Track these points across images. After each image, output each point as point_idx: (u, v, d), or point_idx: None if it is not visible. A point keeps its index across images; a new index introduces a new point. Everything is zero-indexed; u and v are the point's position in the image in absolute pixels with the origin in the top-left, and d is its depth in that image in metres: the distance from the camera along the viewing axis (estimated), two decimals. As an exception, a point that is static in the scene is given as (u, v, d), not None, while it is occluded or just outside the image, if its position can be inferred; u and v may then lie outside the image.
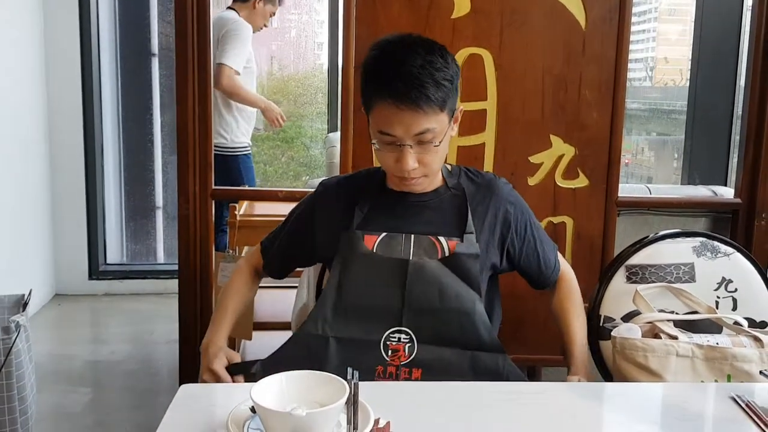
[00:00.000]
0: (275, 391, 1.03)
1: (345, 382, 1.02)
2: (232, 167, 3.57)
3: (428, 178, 1.45)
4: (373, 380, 1.36)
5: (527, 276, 1.60)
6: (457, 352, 1.41)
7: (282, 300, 3.15)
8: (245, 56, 3.43)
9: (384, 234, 1.46)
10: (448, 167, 1.56)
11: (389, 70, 1.37)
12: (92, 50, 4.01)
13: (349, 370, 1.14)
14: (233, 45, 3.35)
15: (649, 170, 5.13)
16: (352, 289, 1.43)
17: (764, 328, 1.69)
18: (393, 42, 1.42)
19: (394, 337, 1.40)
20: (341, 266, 1.45)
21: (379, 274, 1.42)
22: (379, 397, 1.14)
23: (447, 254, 1.43)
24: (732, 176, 2.69)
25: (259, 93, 5.57)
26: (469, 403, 1.17)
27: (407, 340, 1.40)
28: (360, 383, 1.11)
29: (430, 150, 1.39)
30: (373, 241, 1.45)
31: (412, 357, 1.39)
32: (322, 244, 1.54)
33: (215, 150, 3.50)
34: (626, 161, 4.99)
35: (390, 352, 1.39)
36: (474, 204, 1.50)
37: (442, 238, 1.45)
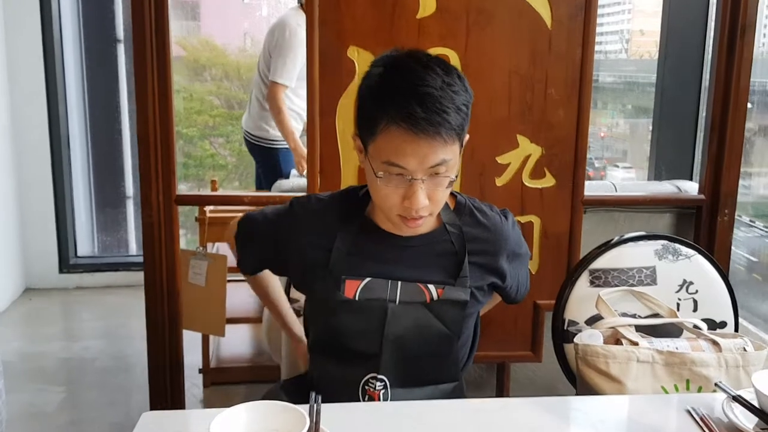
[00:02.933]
0: (236, 422, 1.03)
1: (305, 414, 1.03)
2: (271, 159, 3.62)
3: (432, 216, 1.31)
4: None
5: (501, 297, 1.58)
6: (427, 390, 1.39)
7: (253, 295, 3.15)
8: (299, 64, 3.31)
9: (368, 279, 1.34)
10: (450, 203, 1.41)
11: (404, 91, 1.19)
12: (54, 36, 3.93)
13: (312, 394, 1.15)
14: (283, 58, 3.31)
15: (624, 143, 5.16)
16: (331, 332, 1.37)
17: (724, 328, 1.73)
18: (403, 58, 1.25)
19: (371, 384, 1.35)
20: (319, 308, 1.39)
21: (359, 320, 1.33)
22: (342, 419, 1.15)
23: (435, 299, 1.34)
24: (697, 171, 2.71)
25: (233, 70, 5.50)
26: (432, 423, 1.19)
27: (381, 387, 1.34)
28: (322, 405, 1.12)
29: (442, 185, 1.24)
30: (356, 287, 1.34)
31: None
32: (295, 272, 1.46)
33: (256, 141, 3.60)
34: (602, 134, 5.03)
35: (367, 397, 1.35)
36: (472, 250, 1.38)
37: (431, 286, 1.35)
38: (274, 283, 1.65)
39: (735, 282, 1.76)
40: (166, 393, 2.12)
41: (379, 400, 1.35)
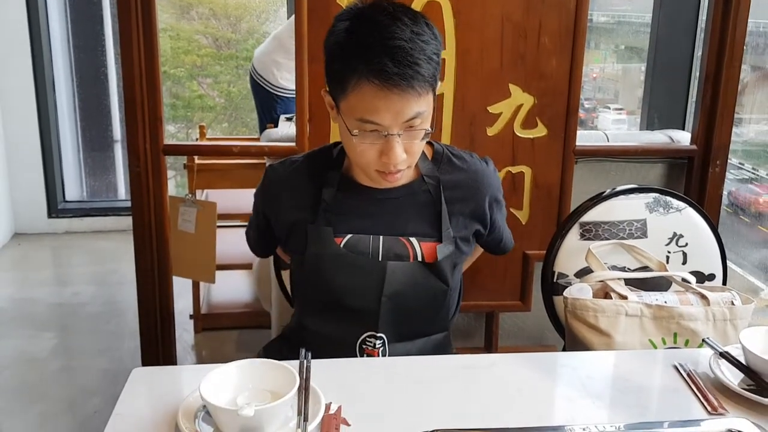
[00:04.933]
0: (226, 381, 1.03)
1: (295, 372, 1.03)
2: (269, 104, 3.64)
3: (410, 168, 1.31)
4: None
5: (485, 248, 1.59)
6: (420, 342, 1.39)
7: (244, 241, 3.15)
8: None
9: (350, 236, 1.33)
10: (428, 153, 1.39)
11: (374, 46, 1.16)
12: (37, -24, 3.81)
13: (302, 351, 1.15)
14: None
15: (616, 84, 5.12)
16: (326, 288, 1.34)
17: (712, 280, 1.74)
18: (368, 11, 1.22)
19: (370, 342, 1.34)
20: (314, 264, 1.35)
21: (356, 276, 1.32)
22: (332, 376, 1.16)
23: (420, 256, 1.34)
24: (690, 120, 2.68)
25: (220, 8, 5.37)
26: (421, 379, 1.19)
27: (380, 345, 1.34)
28: (313, 361, 1.13)
29: (418, 137, 1.23)
30: (339, 243, 1.33)
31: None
32: (280, 235, 1.44)
33: (260, 80, 3.59)
34: (594, 75, 4.98)
35: (365, 356, 1.34)
36: (453, 198, 1.37)
37: (413, 240, 1.35)
38: None
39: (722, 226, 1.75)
40: (156, 340, 2.13)
41: (378, 357, 1.35)
